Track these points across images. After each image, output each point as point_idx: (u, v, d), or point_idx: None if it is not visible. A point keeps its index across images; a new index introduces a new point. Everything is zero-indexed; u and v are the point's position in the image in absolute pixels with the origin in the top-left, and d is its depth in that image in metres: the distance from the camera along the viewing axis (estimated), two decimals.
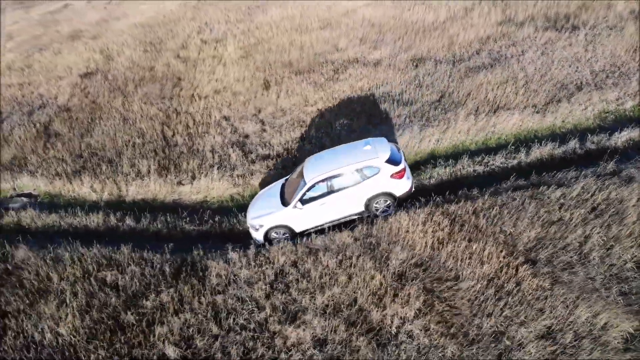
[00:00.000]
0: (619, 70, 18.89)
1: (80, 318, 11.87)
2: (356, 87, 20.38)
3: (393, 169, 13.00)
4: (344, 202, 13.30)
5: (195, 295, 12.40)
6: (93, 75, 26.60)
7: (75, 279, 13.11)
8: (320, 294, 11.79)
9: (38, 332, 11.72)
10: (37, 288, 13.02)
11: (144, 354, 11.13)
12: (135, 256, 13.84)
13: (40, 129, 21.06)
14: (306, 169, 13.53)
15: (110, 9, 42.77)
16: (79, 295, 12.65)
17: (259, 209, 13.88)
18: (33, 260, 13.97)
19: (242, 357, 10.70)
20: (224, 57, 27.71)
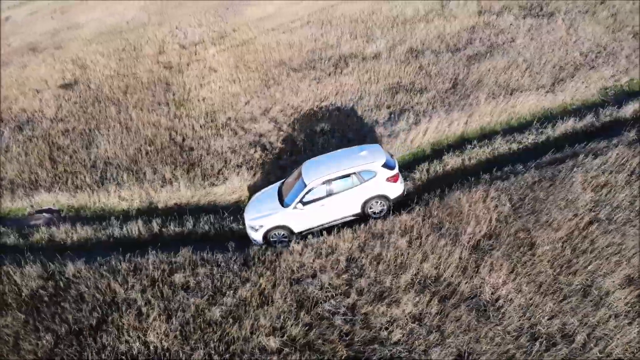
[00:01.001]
0: (605, 50, 20.83)
1: (166, 322, 11.79)
2: (364, 80, 21.13)
3: (389, 173, 13.97)
4: (342, 203, 14.05)
5: (274, 287, 12.62)
6: (73, 86, 25.75)
7: (143, 287, 12.96)
8: (402, 273, 12.39)
9: (124, 344, 11.54)
10: (103, 301, 12.76)
11: (242, 348, 11.27)
12: (196, 257, 13.84)
13: (39, 143, 20.23)
14: (305, 172, 14.19)
15: (59, 18, 41.13)
16: (152, 301, 12.54)
17: (258, 211, 14.38)
18: (86, 274, 13.68)
19: (344, 340, 11.05)
20: (208, 60, 27.60)
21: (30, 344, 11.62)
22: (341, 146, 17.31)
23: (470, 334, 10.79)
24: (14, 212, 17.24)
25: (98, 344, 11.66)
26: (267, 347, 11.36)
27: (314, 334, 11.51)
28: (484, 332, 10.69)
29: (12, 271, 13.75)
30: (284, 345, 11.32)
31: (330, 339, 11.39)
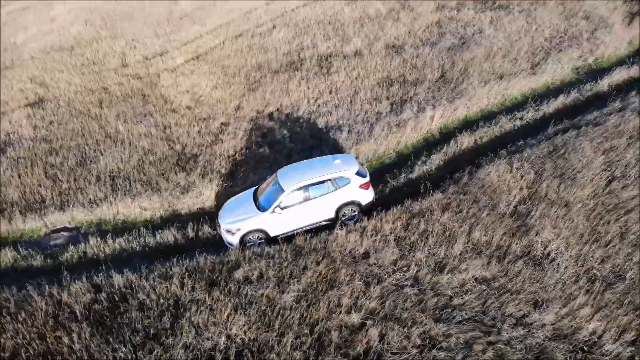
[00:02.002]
0: (566, 35, 23.46)
1: (244, 315, 12.28)
2: (353, 77, 22.37)
3: (362, 180, 15.10)
4: (318, 209, 14.95)
5: (335, 272, 13.43)
6: (41, 104, 24.95)
7: (205, 287, 13.32)
8: (453, 244, 13.65)
9: (207, 340, 11.91)
10: (168, 305, 13.00)
11: (327, 327, 12.01)
12: (247, 253, 14.36)
13: (29, 164, 19.65)
14: (282, 178, 15.06)
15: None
16: (221, 298, 12.95)
17: (234, 215, 15.06)
18: (138, 283, 13.78)
19: (417, 306, 12.10)
20: (179, 69, 27.74)
21: (106, 357, 11.62)
22: (350, 139, 18.43)
23: (535, 285, 12.18)
24: (27, 234, 16.72)
25: (180, 344, 11.85)
26: (349, 323, 12.10)
27: (389, 306, 12.40)
28: (546, 281, 12.10)
29: (57, 292, 13.49)
30: (365, 319, 12.11)
31: (406, 307, 12.30)
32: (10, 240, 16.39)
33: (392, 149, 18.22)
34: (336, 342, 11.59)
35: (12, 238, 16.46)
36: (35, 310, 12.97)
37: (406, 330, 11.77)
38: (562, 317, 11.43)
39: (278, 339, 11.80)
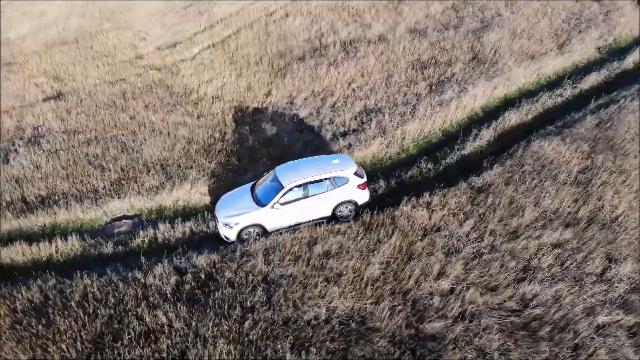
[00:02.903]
0: (581, 16, 24.75)
1: (335, 285, 12.97)
2: (383, 60, 23.14)
3: (359, 180, 15.67)
4: (316, 206, 15.42)
5: (410, 244, 14.24)
6: (62, 97, 24.92)
7: (292, 262, 13.94)
8: (522, 214, 14.62)
9: (310, 310, 12.57)
10: (258, 281, 13.57)
11: (420, 294, 12.84)
12: (320, 229, 15.03)
13: (69, 155, 19.79)
14: (281, 175, 15.56)
15: None
16: (309, 272, 13.61)
17: (232, 209, 15.40)
18: (222, 262, 14.29)
19: (499, 270, 13.02)
20: (197, 59, 28.00)
21: (209, 331, 12.14)
22: (393, 121, 19.24)
23: (608, 246, 13.24)
24: (87, 223, 16.93)
25: (281, 318, 12.45)
26: (439, 289, 12.93)
27: (474, 272, 13.28)
28: (619, 241, 13.18)
29: (141, 276, 13.89)
30: (454, 285, 12.96)
31: (490, 273, 13.21)
32: (70, 229, 16.56)
33: (437, 128, 19.06)
34: (435, 306, 12.34)
35: (73, 228, 16.64)
36: (124, 294, 13.27)
37: (496, 291, 12.60)
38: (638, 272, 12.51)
39: (375, 308, 12.46)
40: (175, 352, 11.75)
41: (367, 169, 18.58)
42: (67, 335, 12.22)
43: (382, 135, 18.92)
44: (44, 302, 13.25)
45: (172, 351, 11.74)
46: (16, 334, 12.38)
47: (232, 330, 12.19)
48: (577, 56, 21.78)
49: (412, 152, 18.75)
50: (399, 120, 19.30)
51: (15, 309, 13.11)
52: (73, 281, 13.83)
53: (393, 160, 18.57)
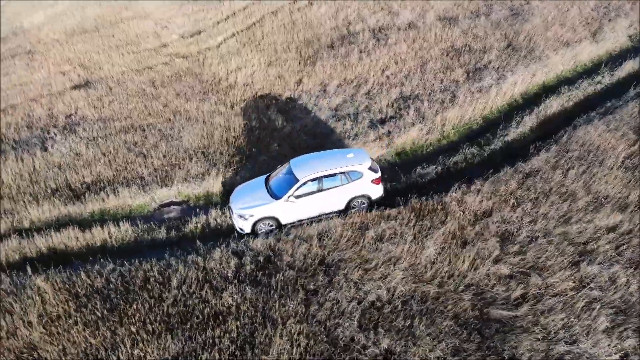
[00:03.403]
0: (609, 5, 25.00)
1: (393, 268, 13.29)
2: (416, 48, 23.36)
3: (374, 175, 15.78)
4: (330, 200, 15.60)
5: (462, 229, 14.54)
6: (90, 86, 25.07)
7: (347, 245, 14.25)
8: (573, 199, 14.93)
9: (372, 293, 12.88)
10: (316, 263, 13.88)
11: (479, 278, 13.17)
12: (369, 215, 15.34)
13: (108, 143, 20.01)
14: (296, 168, 15.67)
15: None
16: (364, 255, 13.93)
17: (247, 201, 15.56)
18: (278, 246, 14.58)
19: (555, 253, 13.37)
20: (222, 48, 28.12)
21: (276, 311, 12.45)
22: (432, 107, 19.51)
23: None
24: (136, 210, 17.18)
25: (344, 298, 12.77)
26: (498, 272, 13.26)
27: (531, 255, 13.61)
28: None
29: (200, 260, 14.17)
30: (512, 268, 13.29)
31: (546, 256, 13.54)
32: (120, 216, 16.81)
33: (477, 114, 19.33)
34: (496, 289, 12.67)
35: (122, 214, 16.88)
36: (185, 277, 13.55)
37: (554, 274, 12.93)
38: None
39: (438, 291, 12.79)
40: (246, 333, 12.02)
41: (408, 155, 18.87)
42: (136, 317, 12.45)
43: (422, 122, 19.16)
44: (106, 286, 13.48)
45: (242, 332, 12.00)
46: (82, 317, 12.61)
47: (298, 311, 12.45)
48: (610, 44, 22.05)
49: (452, 139, 19.03)
50: (438, 107, 19.55)
51: (77, 294, 13.37)
52: (132, 265, 14.04)
53: (434, 147, 18.85)
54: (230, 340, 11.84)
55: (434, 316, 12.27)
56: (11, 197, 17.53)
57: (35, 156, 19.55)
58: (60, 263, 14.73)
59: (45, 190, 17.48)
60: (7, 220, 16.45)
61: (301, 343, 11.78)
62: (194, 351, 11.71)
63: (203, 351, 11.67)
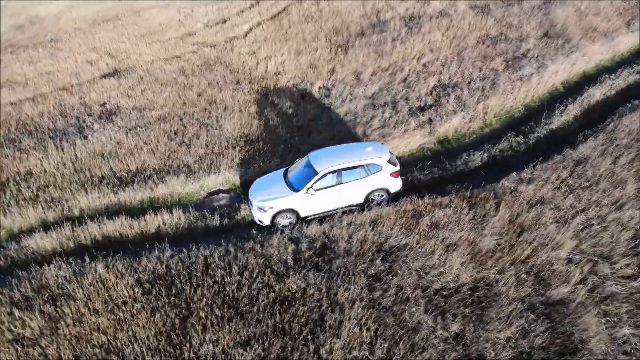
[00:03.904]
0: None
1: (449, 254, 13.57)
2: (450, 36, 23.52)
3: (393, 168, 15.93)
4: (349, 193, 15.75)
5: (517, 217, 14.81)
6: (120, 74, 25.19)
7: (402, 231, 14.52)
8: (623, 186, 15.20)
9: (436, 280, 13.16)
10: (373, 251, 14.13)
11: (539, 263, 13.45)
12: (421, 203, 15.60)
13: (148, 132, 20.21)
14: (315, 161, 15.86)
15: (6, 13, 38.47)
16: (422, 242, 14.19)
17: (267, 193, 15.76)
18: (333, 232, 14.83)
19: (610, 240, 13.64)
20: (249, 37, 28.21)
21: (341, 297, 12.73)
22: (473, 96, 19.72)
23: None
24: (185, 198, 17.40)
25: (408, 283, 13.04)
26: (557, 258, 13.54)
27: (587, 242, 13.89)
28: None
29: (258, 247, 14.41)
30: (570, 254, 13.57)
31: (602, 242, 13.82)
32: (169, 203, 17.03)
33: (519, 103, 19.56)
34: (556, 274, 12.96)
35: (171, 202, 17.10)
36: (246, 263, 13.80)
37: (611, 260, 13.22)
38: None
39: (500, 276, 13.07)
40: (315, 317, 12.28)
41: (451, 143, 19.10)
42: (203, 302, 12.69)
43: (463, 110, 19.37)
44: (168, 272, 13.72)
45: (311, 316, 12.26)
46: (149, 303, 12.85)
47: (363, 296, 12.71)
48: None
49: (495, 127, 19.26)
50: (480, 95, 19.77)
51: (140, 280, 13.60)
52: (190, 252, 14.27)
53: (477, 135, 19.08)
54: (300, 324, 12.06)
55: (499, 300, 12.51)
56: (57, 185, 17.68)
57: (76, 145, 19.69)
58: (115, 250, 14.91)
59: (92, 178, 17.66)
60: (57, 208, 16.57)
61: (370, 327, 11.99)
62: (265, 335, 11.93)
63: (275, 335, 11.86)
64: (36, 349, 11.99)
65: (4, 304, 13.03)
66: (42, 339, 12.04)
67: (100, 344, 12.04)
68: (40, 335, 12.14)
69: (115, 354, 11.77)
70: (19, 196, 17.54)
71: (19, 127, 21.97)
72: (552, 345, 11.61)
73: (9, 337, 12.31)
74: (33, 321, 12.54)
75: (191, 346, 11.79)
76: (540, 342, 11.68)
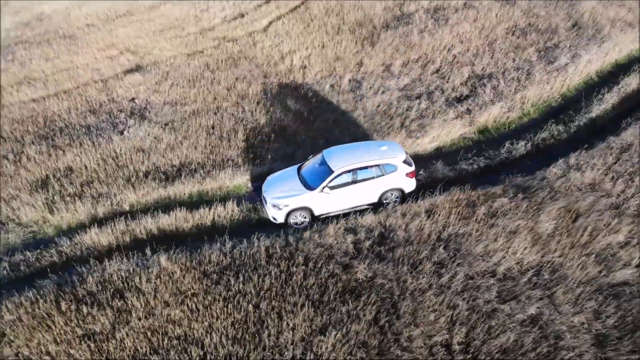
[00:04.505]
0: None
1: (509, 241, 13.98)
2: (479, 27, 23.96)
3: (408, 168, 16.03)
4: (363, 192, 15.80)
5: (570, 204, 15.25)
6: (144, 70, 25.30)
7: (459, 220, 14.89)
8: None
9: (502, 265, 13.55)
10: (433, 239, 14.50)
11: (599, 247, 13.91)
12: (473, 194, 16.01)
13: (185, 127, 20.41)
14: (330, 159, 15.94)
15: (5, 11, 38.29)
16: (480, 230, 14.59)
17: (281, 191, 15.80)
18: (392, 222, 15.18)
19: None
20: (270, 31, 28.42)
21: (406, 285, 13.09)
22: (510, 86, 20.17)
23: None
24: (232, 191, 17.63)
25: (474, 270, 13.43)
26: (615, 242, 14.01)
27: None
28: None
29: (317, 236, 14.71)
30: (629, 238, 14.05)
31: None
32: (218, 197, 17.25)
33: (556, 92, 20.05)
34: (617, 257, 13.43)
35: (220, 195, 17.32)
36: (308, 253, 14.09)
37: None
38: None
39: (563, 260, 13.49)
40: (387, 305, 12.59)
41: (491, 133, 19.51)
42: (273, 292, 12.96)
43: (501, 100, 19.77)
44: (232, 263, 13.96)
45: (383, 304, 12.57)
46: (219, 294, 13.08)
47: (432, 283, 13.06)
48: None
49: (533, 116, 19.72)
50: (516, 86, 20.20)
51: (205, 271, 13.82)
52: (251, 243, 14.52)
53: (516, 125, 19.53)
54: (373, 312, 12.36)
55: (566, 284, 12.92)
56: (101, 180, 17.78)
57: (112, 141, 19.77)
58: (172, 243, 15.10)
59: (136, 173, 17.79)
60: (106, 203, 16.69)
61: (445, 313, 12.32)
62: (341, 321, 12.21)
63: (349, 322, 12.15)
64: (110, 342, 12.11)
65: (68, 301, 13.10)
66: (116, 332, 12.15)
67: (176, 335, 12.20)
68: (113, 330, 12.27)
69: (194, 345, 11.93)
70: (62, 192, 17.59)
71: (48, 124, 21.96)
72: (624, 325, 12.00)
73: (79, 332, 12.42)
74: (103, 316, 12.63)
75: (270, 334, 11.99)
76: (612, 323, 12.04)
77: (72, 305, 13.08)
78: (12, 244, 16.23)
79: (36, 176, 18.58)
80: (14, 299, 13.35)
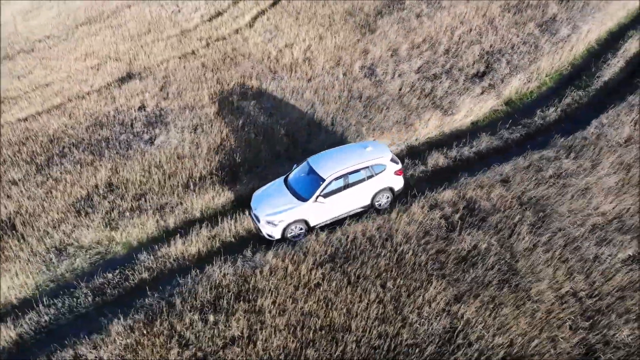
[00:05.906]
0: None
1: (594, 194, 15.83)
2: (473, 7, 25.84)
3: (396, 166, 16.43)
4: (356, 196, 16.06)
5: (620, 156, 17.35)
6: (138, 77, 25.04)
7: (531, 184, 16.55)
8: None
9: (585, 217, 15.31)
10: (508, 204, 16.06)
11: None
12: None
13: (209, 128, 20.68)
14: (317, 167, 16.04)
15: None
16: (554, 192, 16.34)
17: (273, 207, 15.65)
18: (470, 194, 16.58)
19: None
20: (257, 26, 28.80)
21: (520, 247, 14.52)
22: (523, 59, 22.13)
23: None
24: None
25: (566, 224, 15.07)
26: None
27: None
28: None
29: (404, 216, 15.80)
30: None
31: None
32: None
33: (565, 61, 22.24)
34: None
35: None
36: (406, 232, 15.15)
37: None
38: None
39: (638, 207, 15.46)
40: (504, 268, 13.91)
41: (516, 104, 21.32)
42: (394, 271, 13.91)
43: (519, 73, 21.65)
44: (337, 250, 14.67)
45: (501, 268, 13.87)
46: (342, 279, 13.77)
47: (536, 242, 14.50)
48: None
49: (550, 85, 21.79)
50: (529, 58, 22.14)
51: (315, 262, 14.40)
52: (344, 229, 15.33)
53: (537, 94, 21.50)
54: (492, 277, 13.59)
55: None
56: (155, 192, 17.68)
57: (145, 152, 19.54)
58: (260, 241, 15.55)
59: (192, 179, 17.83)
60: (175, 213, 16.69)
61: (559, 267, 13.80)
62: (470, 290, 13.35)
63: (480, 288, 13.31)
64: (257, 344, 12.40)
65: (187, 312, 13.23)
66: (258, 333, 12.53)
67: (319, 326, 12.73)
68: (251, 332, 12.64)
69: (342, 332, 12.54)
70: (115, 208, 17.31)
71: (55, 142, 21.22)
72: None
73: (219, 344, 12.58)
74: (235, 321, 12.89)
75: (412, 310, 12.86)
76: None
77: (195, 315, 13.12)
78: (79, 268, 15.85)
79: (75, 196, 18.03)
80: (119, 322, 13.24)
